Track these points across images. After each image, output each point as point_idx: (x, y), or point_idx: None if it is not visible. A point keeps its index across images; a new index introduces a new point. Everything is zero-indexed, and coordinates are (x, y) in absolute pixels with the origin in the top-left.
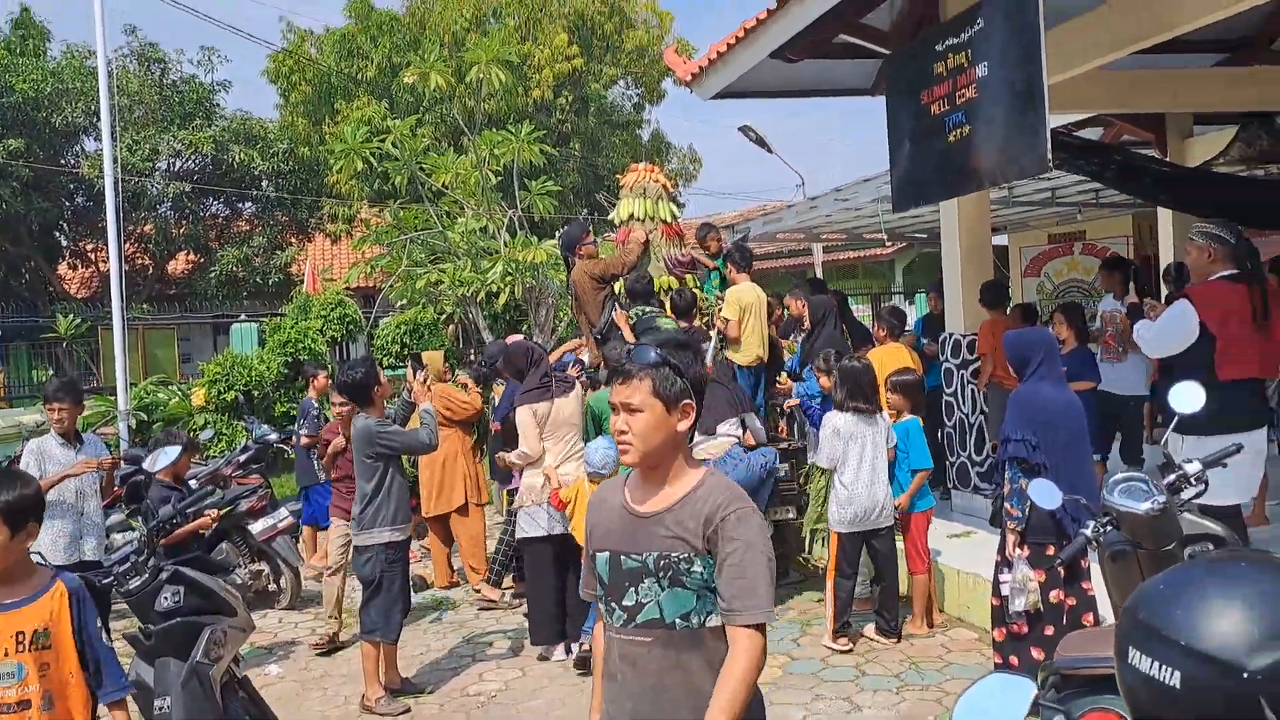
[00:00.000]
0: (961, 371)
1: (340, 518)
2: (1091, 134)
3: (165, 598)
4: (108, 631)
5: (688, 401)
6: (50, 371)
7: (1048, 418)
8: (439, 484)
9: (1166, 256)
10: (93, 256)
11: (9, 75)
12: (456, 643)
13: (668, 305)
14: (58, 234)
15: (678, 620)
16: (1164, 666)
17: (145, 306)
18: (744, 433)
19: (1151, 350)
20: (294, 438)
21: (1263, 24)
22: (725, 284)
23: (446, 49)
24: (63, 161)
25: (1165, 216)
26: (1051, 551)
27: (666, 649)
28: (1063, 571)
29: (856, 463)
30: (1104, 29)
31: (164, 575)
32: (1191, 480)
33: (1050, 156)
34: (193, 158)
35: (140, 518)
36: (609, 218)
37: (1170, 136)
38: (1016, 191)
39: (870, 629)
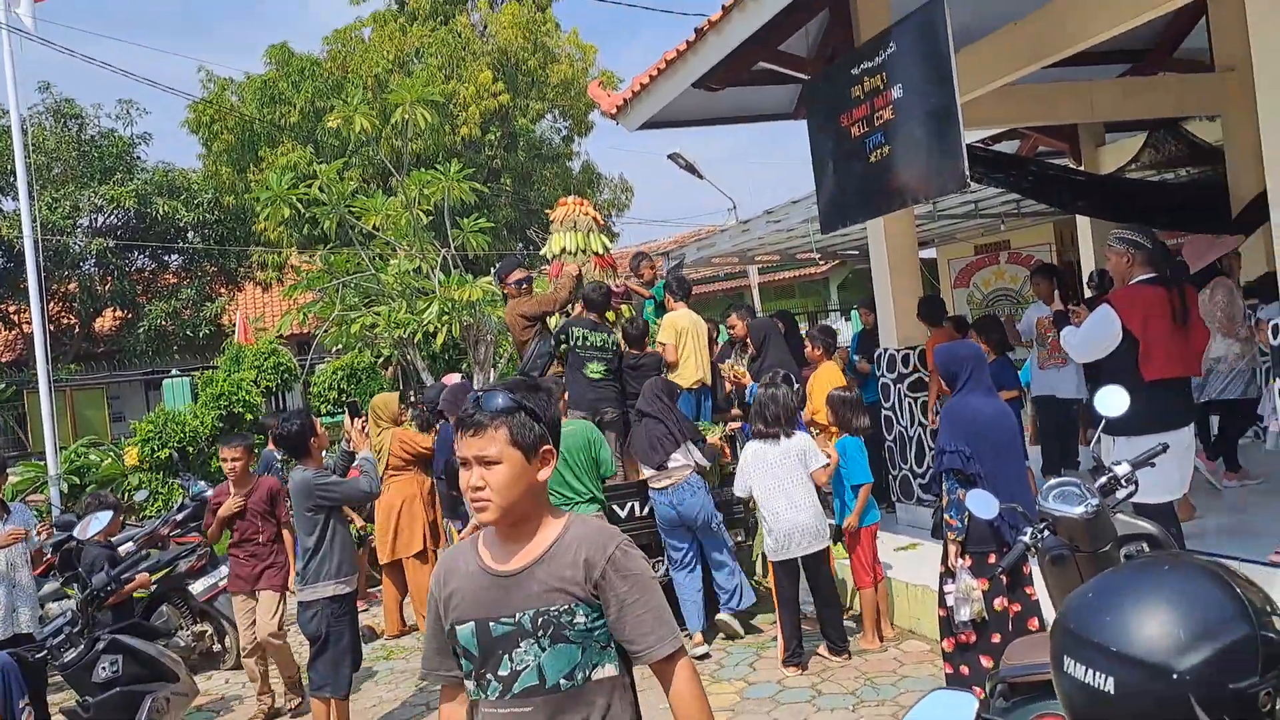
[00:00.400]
0: (899, 385)
1: (240, 590)
2: (1008, 147)
3: (103, 668)
4: (45, 705)
5: (548, 447)
6: None
7: (978, 429)
8: (395, 528)
9: (1088, 261)
10: (15, 318)
11: None
12: (410, 693)
13: (620, 334)
14: None
15: (561, 680)
16: (1097, 673)
17: (73, 366)
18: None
19: (1078, 355)
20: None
21: (1163, 32)
22: (661, 311)
23: (370, 91)
24: None
25: (1084, 223)
26: (993, 560)
27: (551, 713)
28: (1005, 579)
29: (771, 488)
30: (1014, 45)
31: (100, 645)
32: (1122, 482)
33: (969, 172)
34: (115, 213)
35: (75, 585)
36: (542, 252)
37: (1084, 145)
38: (940, 206)
39: (822, 648)
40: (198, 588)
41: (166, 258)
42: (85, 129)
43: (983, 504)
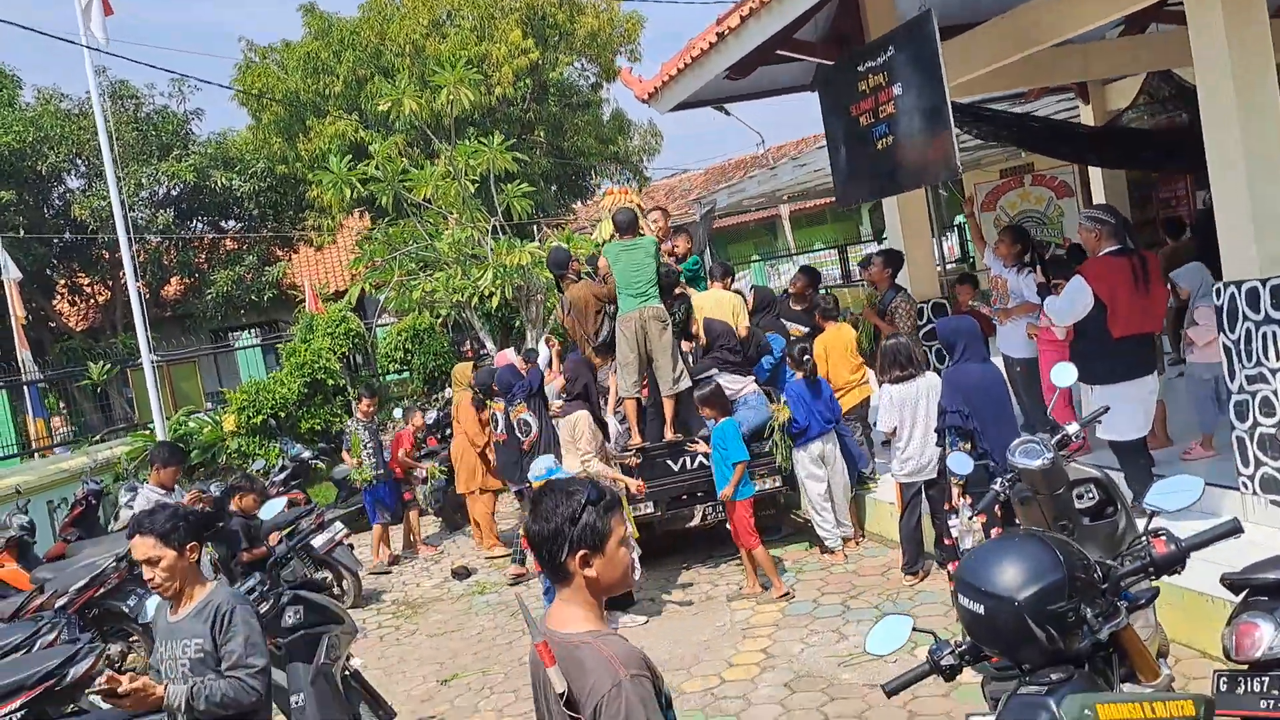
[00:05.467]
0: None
1: None
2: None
3: (289, 616)
4: None
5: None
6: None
7: (975, 392)
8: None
9: (1096, 182)
10: (89, 290)
11: None
12: (506, 619)
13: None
14: (49, 272)
15: None
16: (974, 603)
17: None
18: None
19: (1060, 320)
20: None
21: None
22: (692, 283)
23: (408, 57)
24: (48, 204)
25: None
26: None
27: None
28: (999, 513)
29: (909, 423)
30: (1003, 34)
31: (285, 599)
32: (1074, 437)
33: (959, 165)
34: (175, 186)
35: (213, 543)
36: (593, 237)
37: (1090, 86)
38: (961, 139)
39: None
40: (318, 542)
41: (225, 225)
42: (141, 108)
43: (960, 463)
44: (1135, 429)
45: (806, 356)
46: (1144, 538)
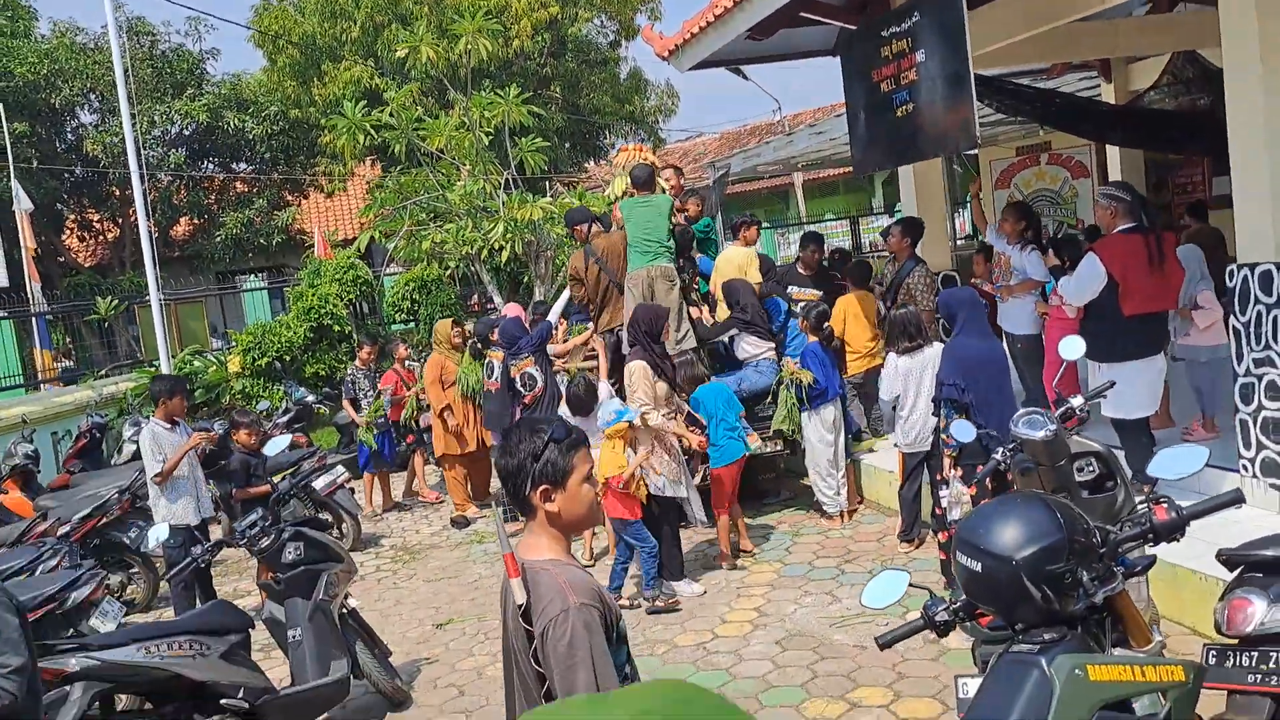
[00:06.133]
0: None
1: None
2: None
3: (289, 552)
4: (210, 583)
5: None
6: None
7: (972, 365)
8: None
9: (1114, 163)
10: (99, 227)
11: (6, 59)
12: (503, 568)
13: None
14: (60, 206)
15: None
16: (972, 560)
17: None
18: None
19: (1075, 299)
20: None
21: None
22: (703, 246)
23: (426, 5)
24: (60, 138)
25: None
26: (980, 470)
27: None
28: (990, 485)
29: (913, 392)
30: (1029, 6)
31: (286, 535)
32: (1078, 411)
33: (979, 135)
34: (187, 125)
35: (215, 480)
36: (606, 193)
37: (1114, 64)
38: (980, 113)
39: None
40: (320, 484)
41: (236, 167)
42: (157, 45)
43: (963, 430)
44: (1142, 408)
45: (825, 322)
46: (1145, 503)
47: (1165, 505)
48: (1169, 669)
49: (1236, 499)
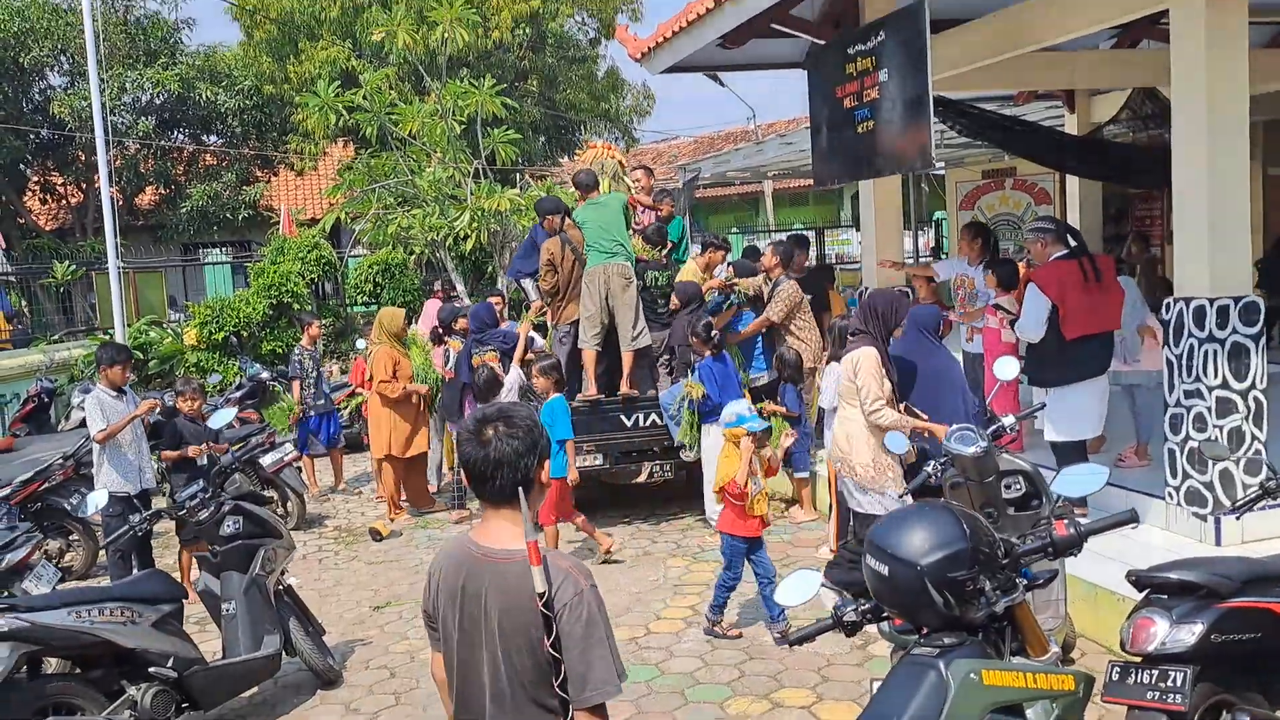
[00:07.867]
0: None
1: None
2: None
3: (228, 525)
4: (150, 553)
5: None
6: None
7: (903, 377)
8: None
9: (1074, 192)
10: (62, 191)
11: None
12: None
13: (638, 241)
14: (23, 167)
15: None
16: (881, 565)
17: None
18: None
19: (1030, 335)
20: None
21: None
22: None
23: None
24: (27, 98)
25: None
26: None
27: None
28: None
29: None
30: (995, 33)
31: (225, 508)
32: (1008, 429)
33: (934, 157)
34: (158, 94)
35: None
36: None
37: (1078, 96)
38: (946, 135)
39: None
40: (267, 460)
41: (206, 139)
42: (132, 11)
43: (896, 442)
44: (1083, 431)
45: (714, 333)
46: (1047, 520)
47: (1065, 522)
48: (1060, 678)
49: (1131, 519)
